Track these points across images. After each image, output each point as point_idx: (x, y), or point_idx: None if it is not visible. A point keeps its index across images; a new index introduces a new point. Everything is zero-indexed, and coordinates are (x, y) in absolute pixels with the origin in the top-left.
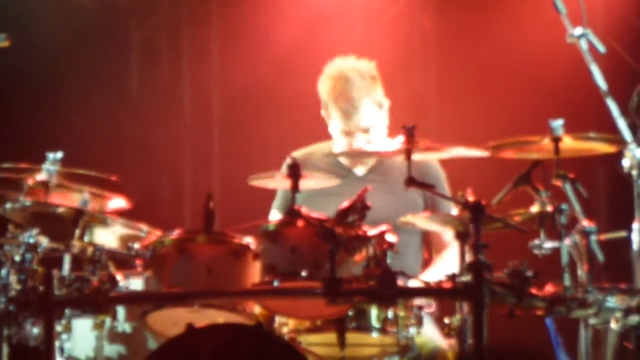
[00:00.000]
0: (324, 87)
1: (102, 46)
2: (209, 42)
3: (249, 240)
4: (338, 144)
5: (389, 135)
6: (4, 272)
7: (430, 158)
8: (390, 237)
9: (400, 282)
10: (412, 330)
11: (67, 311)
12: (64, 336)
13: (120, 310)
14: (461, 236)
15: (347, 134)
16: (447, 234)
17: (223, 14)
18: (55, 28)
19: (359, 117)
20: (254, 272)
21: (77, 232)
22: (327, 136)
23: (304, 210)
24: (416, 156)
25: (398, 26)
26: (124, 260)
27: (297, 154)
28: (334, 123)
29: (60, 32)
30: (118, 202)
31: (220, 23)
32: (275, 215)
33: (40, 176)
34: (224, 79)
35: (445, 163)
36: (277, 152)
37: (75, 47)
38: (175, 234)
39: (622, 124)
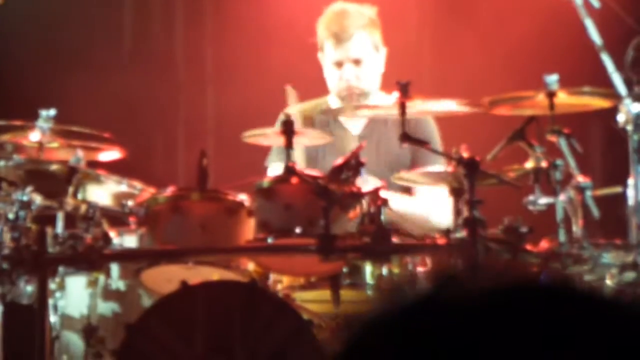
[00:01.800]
0: (320, 21)
1: (95, 4)
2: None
3: (243, 198)
4: (332, 96)
5: (383, 88)
6: None
7: (424, 114)
8: (385, 194)
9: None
10: None
11: (61, 269)
12: (58, 294)
13: (114, 268)
14: (455, 192)
15: (338, 65)
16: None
17: None
18: None
19: (349, 45)
20: (248, 230)
21: (71, 189)
22: (322, 92)
23: (298, 167)
24: (410, 112)
25: None
26: (117, 217)
27: (292, 109)
28: (327, 55)
29: None
30: (112, 154)
31: None
32: (275, 169)
33: (34, 134)
34: (218, 35)
35: (439, 119)
36: (272, 109)
37: (68, 5)
38: (169, 191)
39: (617, 79)
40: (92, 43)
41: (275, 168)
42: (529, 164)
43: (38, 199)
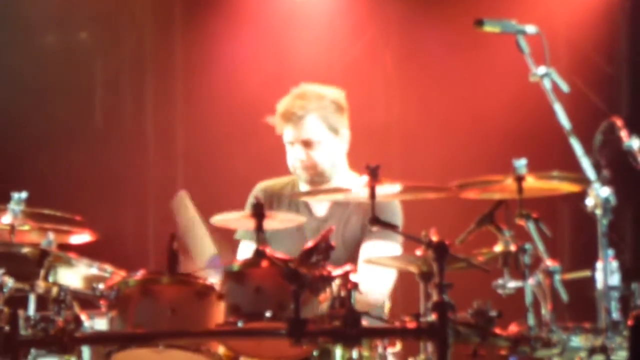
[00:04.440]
0: (280, 102)
1: (66, 85)
2: (173, 79)
3: (213, 281)
4: (289, 166)
5: (352, 170)
6: None
7: (393, 198)
8: (355, 277)
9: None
10: None
11: (33, 351)
12: None
13: (86, 351)
14: (425, 276)
15: (291, 144)
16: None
17: (187, 51)
18: (19, 68)
19: (300, 126)
20: (218, 313)
21: (42, 272)
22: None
23: (269, 250)
24: (380, 195)
25: (360, 64)
26: (88, 300)
27: (265, 185)
28: (283, 135)
29: (25, 71)
30: (82, 237)
31: (184, 60)
32: (245, 247)
33: (5, 216)
34: (188, 116)
35: (408, 202)
36: (243, 190)
37: (39, 86)
38: (140, 274)
39: (585, 163)
40: (63, 124)
41: (244, 246)
42: (498, 248)
43: (10, 282)
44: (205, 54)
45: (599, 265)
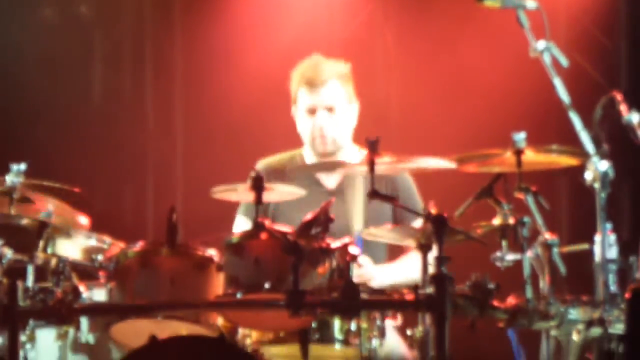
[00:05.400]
0: (294, 71)
1: (65, 57)
2: (172, 53)
3: (212, 253)
4: (306, 149)
5: (355, 142)
6: None
7: (394, 171)
8: (353, 249)
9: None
10: (375, 342)
11: (31, 321)
12: (28, 346)
13: (84, 321)
14: (423, 248)
15: (311, 112)
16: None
17: (186, 26)
18: (18, 40)
19: (323, 91)
20: (217, 284)
21: (41, 243)
22: (295, 145)
23: (268, 222)
24: (383, 168)
25: (360, 38)
26: (87, 271)
27: (267, 161)
28: (300, 103)
29: (23, 44)
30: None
31: (183, 34)
32: (241, 223)
33: (4, 187)
34: (188, 90)
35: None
36: (242, 163)
37: (38, 59)
38: (139, 246)
39: (584, 137)
40: (62, 97)
41: (240, 221)
42: (497, 221)
43: (9, 253)
44: (204, 28)
45: (597, 238)
